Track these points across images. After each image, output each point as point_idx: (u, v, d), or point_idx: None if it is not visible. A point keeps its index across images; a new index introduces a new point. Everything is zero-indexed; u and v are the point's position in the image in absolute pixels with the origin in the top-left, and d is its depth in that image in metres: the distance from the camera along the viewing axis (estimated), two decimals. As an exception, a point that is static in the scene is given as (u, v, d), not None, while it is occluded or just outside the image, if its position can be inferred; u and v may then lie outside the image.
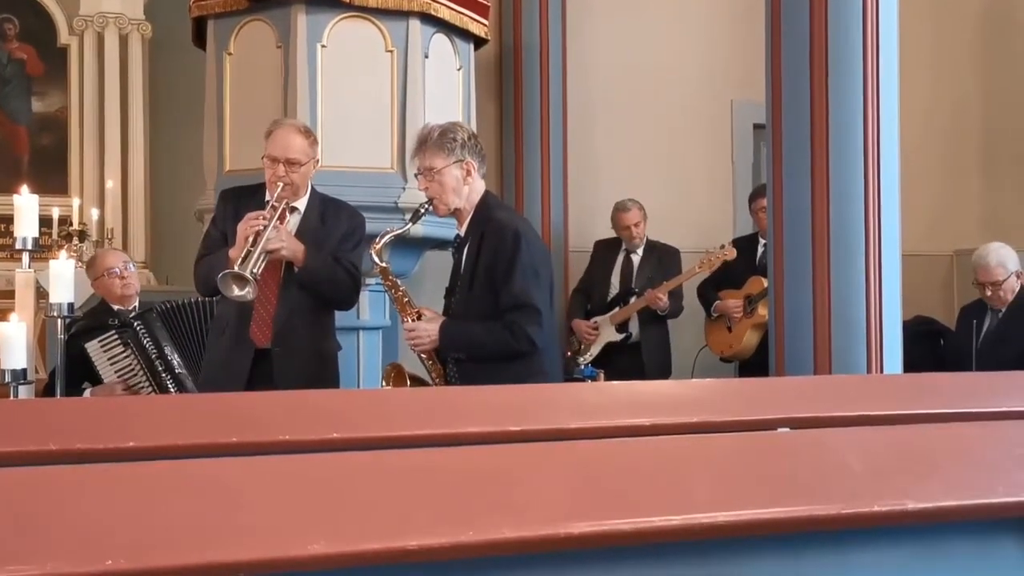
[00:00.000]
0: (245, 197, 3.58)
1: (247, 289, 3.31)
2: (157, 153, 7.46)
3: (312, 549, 0.99)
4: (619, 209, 5.73)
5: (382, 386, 3.39)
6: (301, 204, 3.64)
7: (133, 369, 4.08)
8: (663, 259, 5.70)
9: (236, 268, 3.30)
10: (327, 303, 3.63)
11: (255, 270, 3.31)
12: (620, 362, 5.51)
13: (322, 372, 3.59)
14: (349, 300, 3.68)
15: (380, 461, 1.25)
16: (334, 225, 3.64)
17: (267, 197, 3.52)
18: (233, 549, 0.98)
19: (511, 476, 1.19)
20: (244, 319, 3.52)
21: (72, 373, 4.06)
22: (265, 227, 3.37)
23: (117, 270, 4.35)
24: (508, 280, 3.10)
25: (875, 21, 3.61)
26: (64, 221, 6.92)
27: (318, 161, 3.71)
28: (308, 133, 3.64)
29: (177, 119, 7.01)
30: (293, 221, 3.61)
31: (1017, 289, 4.75)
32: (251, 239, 3.35)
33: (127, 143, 7.32)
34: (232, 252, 3.38)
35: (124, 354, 4.10)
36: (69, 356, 4.11)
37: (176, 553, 0.97)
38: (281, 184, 3.49)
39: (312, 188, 3.70)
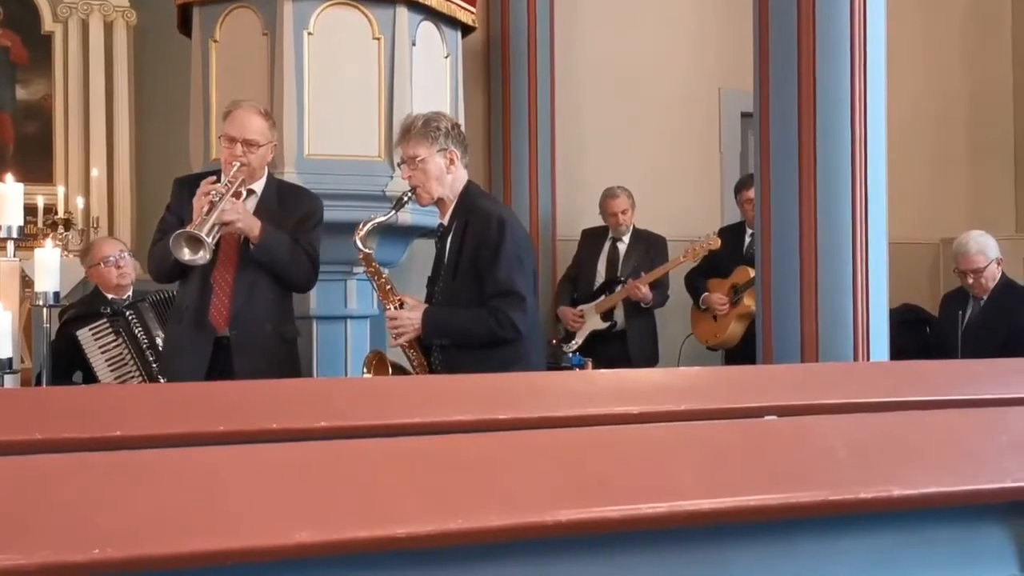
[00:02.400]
0: (201, 183, 3.49)
1: (200, 253, 3.23)
2: (143, 141, 7.40)
3: (299, 537, 0.99)
4: (607, 196, 5.73)
5: (363, 373, 3.37)
6: (258, 187, 3.59)
7: (124, 358, 4.07)
8: (650, 247, 5.71)
9: (191, 229, 3.24)
10: (285, 284, 3.57)
11: (209, 237, 3.24)
12: (606, 350, 5.52)
13: (282, 357, 3.55)
14: (308, 281, 3.63)
15: (367, 449, 1.25)
16: (292, 208, 3.59)
17: (223, 178, 3.45)
18: (220, 537, 0.98)
19: (499, 464, 1.19)
20: (203, 304, 3.47)
21: (63, 361, 4.05)
22: (220, 198, 3.30)
23: (113, 258, 4.33)
24: (493, 267, 3.12)
25: (863, 10, 3.61)
26: (49, 210, 6.87)
27: (276, 145, 3.66)
28: (267, 115, 3.60)
29: (163, 107, 6.95)
30: (250, 204, 3.54)
31: (999, 276, 4.77)
32: (206, 209, 3.29)
33: (112, 131, 7.26)
34: (189, 226, 3.32)
35: (115, 343, 4.08)
36: (60, 343, 4.10)
37: (164, 542, 0.97)
38: (237, 164, 3.43)
39: (269, 172, 3.65)
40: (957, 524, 1.24)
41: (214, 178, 3.40)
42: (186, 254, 3.24)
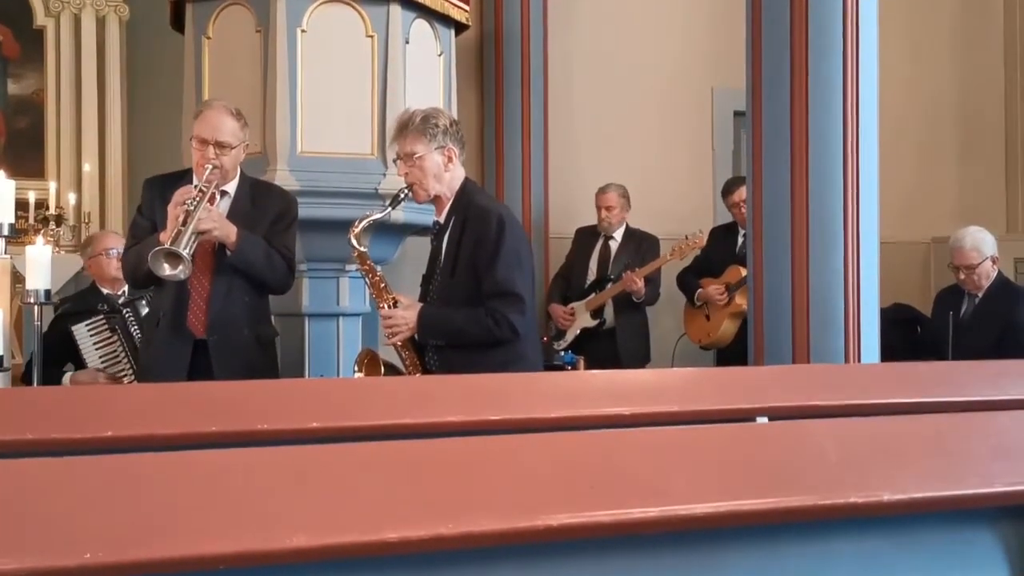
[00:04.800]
0: (171, 184, 3.45)
1: (180, 268, 3.18)
2: (135, 136, 7.37)
3: (292, 542, 0.99)
4: (600, 190, 5.77)
5: (354, 371, 3.35)
6: (231, 188, 3.54)
7: (117, 355, 4.06)
8: (641, 246, 5.72)
9: (168, 245, 3.18)
10: (262, 287, 3.54)
11: (187, 250, 3.18)
12: (596, 348, 5.53)
13: (261, 359, 3.52)
14: (285, 283, 3.59)
15: (360, 452, 1.25)
16: (266, 207, 3.55)
17: (195, 182, 3.39)
18: (213, 542, 0.98)
19: (491, 468, 1.19)
20: (181, 309, 3.43)
21: (55, 354, 4.05)
22: (196, 206, 3.25)
23: (116, 251, 4.31)
24: (492, 267, 3.08)
25: (855, 9, 3.62)
26: (41, 205, 6.85)
27: (248, 145, 3.61)
28: (239, 116, 3.53)
29: (155, 102, 6.93)
30: (224, 205, 3.50)
31: (993, 275, 4.77)
32: (181, 219, 3.23)
33: (104, 126, 7.23)
34: (162, 235, 3.26)
35: (110, 339, 4.08)
36: (54, 336, 4.09)
37: (155, 546, 0.96)
38: (210, 167, 3.38)
39: (241, 172, 3.60)
40: (947, 528, 1.24)
41: (190, 187, 3.34)
42: (166, 270, 3.19)
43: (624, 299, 5.54)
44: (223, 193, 3.51)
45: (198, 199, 3.27)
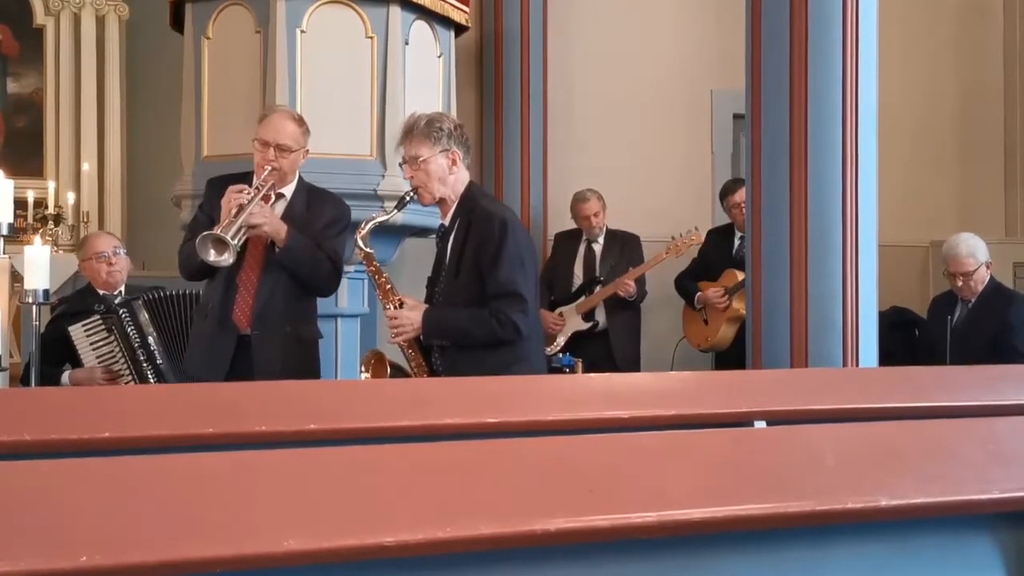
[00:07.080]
0: (233, 183, 3.55)
1: (225, 255, 3.30)
2: (134, 136, 7.38)
3: (287, 545, 0.99)
4: (577, 200, 5.74)
5: (360, 371, 3.38)
6: (288, 191, 3.65)
7: (115, 356, 4.07)
8: (625, 246, 5.72)
9: (217, 231, 3.30)
10: (307, 288, 3.64)
11: (235, 240, 3.31)
12: (589, 350, 5.51)
13: (302, 358, 3.60)
14: (329, 286, 3.70)
15: (356, 455, 1.25)
16: (319, 212, 3.65)
17: (255, 181, 3.53)
18: (208, 545, 0.98)
19: (488, 471, 1.19)
20: (227, 303, 3.54)
21: (53, 354, 4.05)
22: (249, 201, 3.38)
23: (106, 254, 4.31)
24: (494, 268, 3.12)
25: (855, 12, 3.62)
26: (39, 204, 6.85)
27: (308, 151, 3.72)
28: (301, 122, 3.67)
29: (155, 102, 6.94)
30: (279, 207, 3.62)
31: (987, 280, 4.80)
32: (234, 211, 3.35)
33: (103, 126, 7.24)
34: (216, 228, 3.38)
35: (107, 340, 4.08)
36: (51, 337, 4.09)
37: (151, 549, 0.96)
38: (269, 168, 3.51)
39: (300, 177, 3.71)
40: (944, 534, 1.24)
41: (244, 187, 3.46)
42: (211, 255, 3.31)
43: (617, 299, 5.54)
44: (279, 196, 3.62)
45: (253, 195, 3.40)
